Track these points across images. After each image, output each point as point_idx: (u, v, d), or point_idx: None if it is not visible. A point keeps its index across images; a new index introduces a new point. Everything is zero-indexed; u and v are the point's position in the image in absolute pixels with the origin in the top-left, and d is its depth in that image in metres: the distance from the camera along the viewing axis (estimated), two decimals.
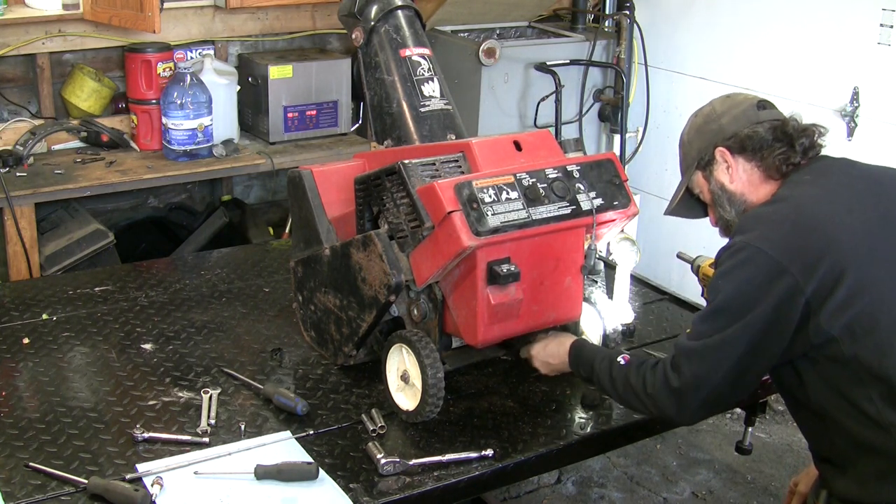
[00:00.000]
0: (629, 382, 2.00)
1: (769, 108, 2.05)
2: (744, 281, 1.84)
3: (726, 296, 1.86)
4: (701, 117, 2.10)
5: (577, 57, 4.36)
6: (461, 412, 2.23)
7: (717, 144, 2.03)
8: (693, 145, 2.09)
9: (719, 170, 2.04)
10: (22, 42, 3.67)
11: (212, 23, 4.05)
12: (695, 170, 2.08)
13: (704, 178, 2.08)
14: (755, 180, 2.02)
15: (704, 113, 2.10)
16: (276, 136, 3.96)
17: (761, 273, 1.81)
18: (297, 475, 1.94)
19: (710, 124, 2.06)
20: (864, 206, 1.91)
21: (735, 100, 2.09)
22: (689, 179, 2.11)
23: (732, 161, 2.02)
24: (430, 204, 2.01)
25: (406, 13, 2.47)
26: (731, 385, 1.89)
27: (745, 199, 2.03)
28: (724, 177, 2.04)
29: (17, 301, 2.70)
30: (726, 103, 2.08)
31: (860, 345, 1.79)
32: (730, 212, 2.05)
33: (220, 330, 2.59)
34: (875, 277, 1.81)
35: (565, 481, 3.61)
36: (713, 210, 2.11)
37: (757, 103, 2.05)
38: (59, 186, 3.40)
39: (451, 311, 2.14)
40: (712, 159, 2.04)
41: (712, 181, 2.06)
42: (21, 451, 2.02)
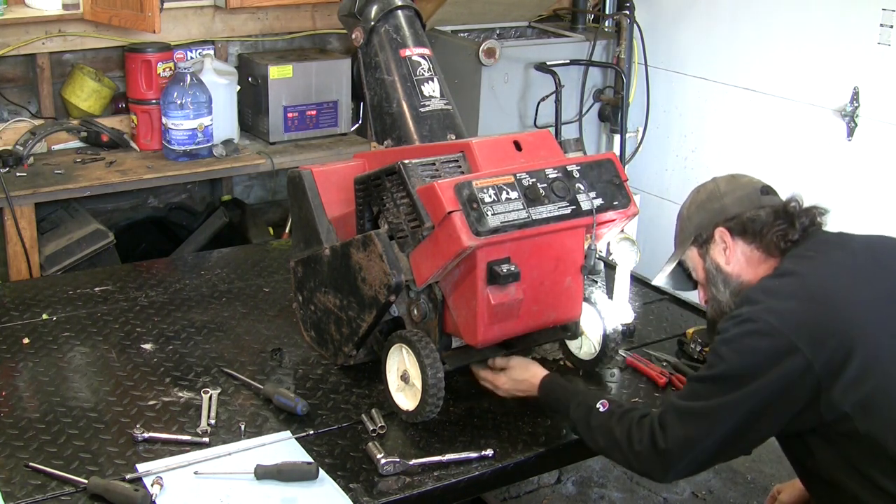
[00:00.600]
0: (612, 435, 1.97)
1: (772, 195, 2.05)
2: (750, 351, 1.81)
3: (730, 364, 1.82)
4: (704, 193, 2.09)
5: (577, 57, 4.36)
6: (461, 412, 2.23)
7: (718, 224, 2.03)
8: (692, 220, 2.08)
9: (716, 250, 2.04)
10: (22, 42, 3.67)
11: (212, 23, 4.05)
12: (690, 245, 2.08)
13: (700, 256, 2.08)
14: (753, 260, 2.01)
15: (708, 190, 2.09)
16: (276, 136, 3.96)
17: (770, 346, 1.79)
18: (297, 475, 1.94)
19: (713, 202, 2.05)
20: (868, 280, 1.90)
21: (740, 181, 2.08)
22: (683, 253, 2.11)
23: (731, 243, 2.01)
24: (430, 204, 2.01)
25: (406, 13, 2.47)
26: (721, 450, 1.87)
27: (740, 281, 2.01)
28: (720, 257, 2.03)
29: (17, 301, 2.70)
30: (731, 184, 2.07)
31: (874, 421, 1.76)
32: (723, 293, 2.04)
33: (220, 330, 2.59)
34: (886, 352, 1.80)
35: (565, 481, 3.61)
36: (705, 289, 2.10)
37: (761, 188, 2.05)
38: (59, 186, 3.40)
39: (451, 311, 2.14)
40: (710, 238, 2.04)
41: (708, 260, 2.06)
42: (21, 451, 2.02)
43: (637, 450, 1.91)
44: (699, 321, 2.68)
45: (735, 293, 2.01)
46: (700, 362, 2.49)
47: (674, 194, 4.49)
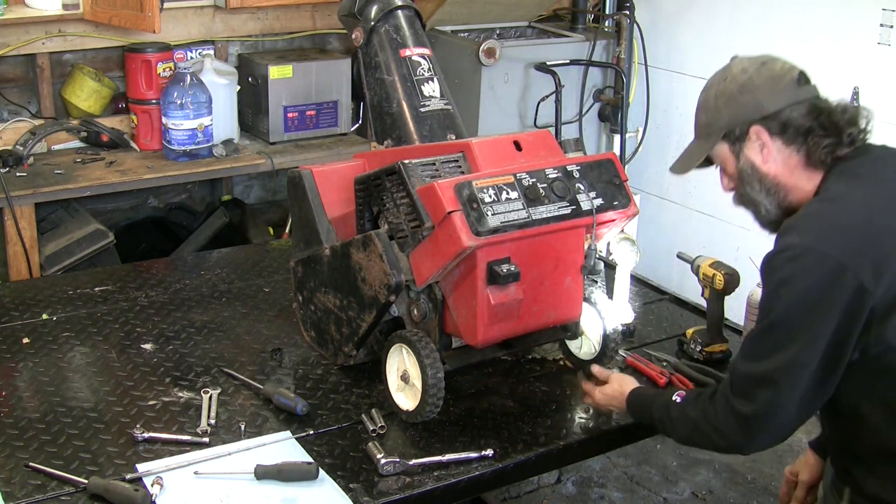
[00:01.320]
0: (689, 418, 1.90)
1: (808, 84, 1.86)
2: (805, 290, 1.69)
3: (787, 308, 1.71)
4: (733, 84, 1.87)
5: (577, 57, 4.36)
6: (461, 412, 2.23)
7: (754, 122, 1.84)
8: (721, 114, 1.88)
9: (751, 148, 1.86)
10: (22, 42, 3.67)
11: (212, 23, 4.05)
12: (720, 140, 1.90)
13: (732, 153, 1.89)
14: (792, 165, 1.85)
15: (738, 81, 1.87)
16: (276, 136, 3.96)
17: (827, 278, 1.67)
18: (297, 475, 1.94)
19: (745, 95, 1.85)
20: None
21: (773, 70, 1.86)
22: (711, 148, 1.91)
23: (769, 142, 1.84)
24: (430, 204, 2.01)
25: (406, 13, 2.47)
26: (804, 408, 1.76)
27: (778, 183, 1.86)
28: (756, 156, 1.86)
29: (17, 301, 2.70)
30: (763, 73, 1.85)
31: None
32: (758, 192, 1.88)
33: (220, 330, 2.59)
34: None
35: (565, 481, 3.61)
36: (736, 183, 1.92)
37: (797, 77, 1.85)
38: (59, 186, 3.40)
39: (451, 311, 2.14)
40: (745, 136, 1.86)
41: (742, 158, 1.88)
42: (21, 451, 2.02)
43: (715, 424, 1.83)
44: (699, 321, 2.68)
45: (772, 193, 1.87)
46: (700, 362, 2.49)
47: (674, 194, 4.49)
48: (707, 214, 4.34)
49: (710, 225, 4.34)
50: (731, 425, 1.81)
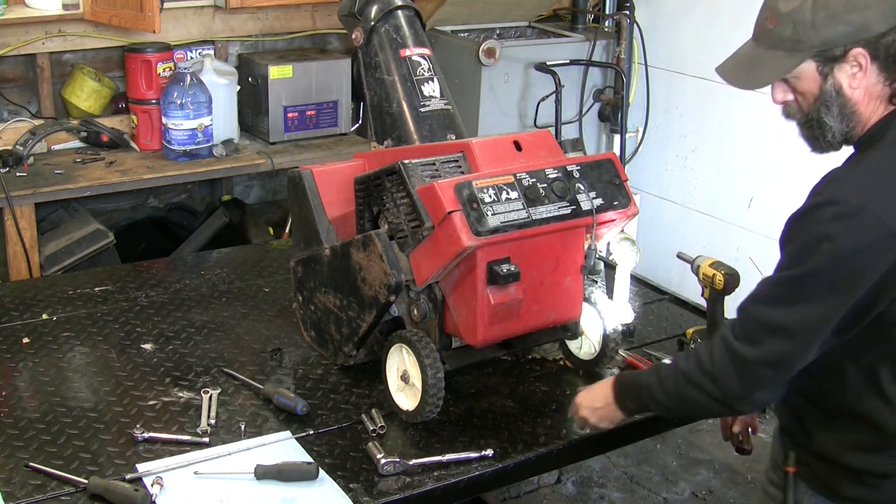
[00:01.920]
0: (679, 371, 1.79)
1: None
2: (852, 252, 1.58)
3: (827, 264, 1.59)
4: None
5: (577, 57, 4.35)
6: (461, 412, 2.23)
7: (858, 43, 1.65)
8: (820, 31, 1.66)
9: (843, 72, 1.68)
10: (22, 42, 3.67)
11: (212, 23, 4.05)
12: (808, 59, 1.69)
13: (819, 73, 1.70)
14: (874, 94, 1.70)
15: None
16: (276, 136, 3.96)
17: (877, 246, 1.57)
18: (297, 475, 1.94)
19: (854, 14, 1.64)
20: None
21: None
22: (796, 66, 1.71)
23: (868, 68, 1.67)
24: (430, 204, 2.01)
25: (406, 13, 2.47)
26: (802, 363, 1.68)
27: (856, 110, 1.71)
28: (846, 80, 1.68)
29: (17, 301, 2.70)
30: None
31: None
32: (835, 117, 1.72)
33: (220, 330, 2.59)
34: None
35: (565, 481, 3.61)
36: (809, 103, 1.74)
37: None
38: (59, 186, 3.40)
39: (451, 311, 2.14)
40: (842, 57, 1.67)
41: (830, 80, 1.69)
42: (21, 451, 2.02)
43: (711, 371, 1.72)
44: (699, 321, 2.68)
45: (846, 119, 1.72)
46: None
47: (674, 194, 4.49)
48: (707, 214, 4.34)
49: (710, 225, 4.34)
50: (730, 372, 1.71)
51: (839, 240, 1.59)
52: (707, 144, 4.32)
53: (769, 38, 1.73)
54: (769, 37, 1.73)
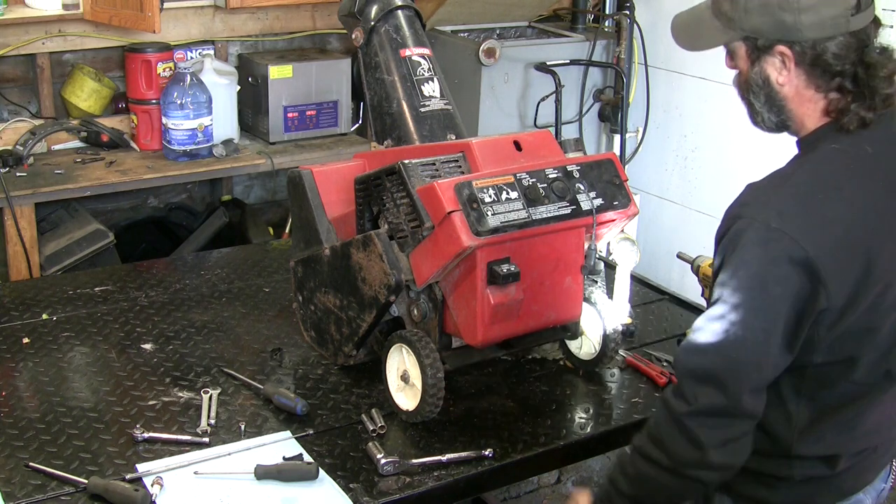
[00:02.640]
0: (634, 447, 1.75)
1: (864, 10, 1.63)
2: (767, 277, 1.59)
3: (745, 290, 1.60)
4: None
5: (577, 57, 4.35)
6: (461, 412, 2.23)
7: (782, 42, 1.65)
8: (751, 17, 1.67)
9: (770, 63, 1.69)
10: (22, 42, 3.67)
11: (212, 23, 4.05)
12: (738, 39, 1.71)
13: (748, 57, 1.71)
14: (806, 98, 1.70)
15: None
16: (276, 136, 3.96)
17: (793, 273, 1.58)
18: (297, 475, 1.95)
19: (785, 13, 1.62)
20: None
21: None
22: (728, 40, 1.73)
23: (792, 69, 1.67)
24: (430, 204, 2.01)
25: (406, 13, 2.47)
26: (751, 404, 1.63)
27: (785, 105, 1.72)
28: (772, 72, 1.69)
29: (17, 301, 2.70)
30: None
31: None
32: (762, 104, 1.73)
33: (220, 330, 2.59)
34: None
35: (565, 481, 3.61)
36: (741, 81, 1.76)
37: (854, 10, 1.62)
38: (59, 186, 3.40)
39: (451, 311, 2.14)
40: (767, 50, 1.68)
41: (757, 67, 1.71)
42: (21, 451, 2.02)
43: (654, 434, 1.69)
44: None
45: (775, 110, 1.73)
46: None
47: (674, 194, 4.49)
48: (707, 214, 4.34)
49: (710, 225, 4.31)
50: (671, 431, 1.68)
51: (754, 266, 1.59)
52: (707, 144, 4.32)
53: (715, 6, 1.74)
54: (716, 4, 1.74)
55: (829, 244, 1.59)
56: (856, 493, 1.82)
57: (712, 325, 1.64)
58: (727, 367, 1.62)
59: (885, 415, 1.79)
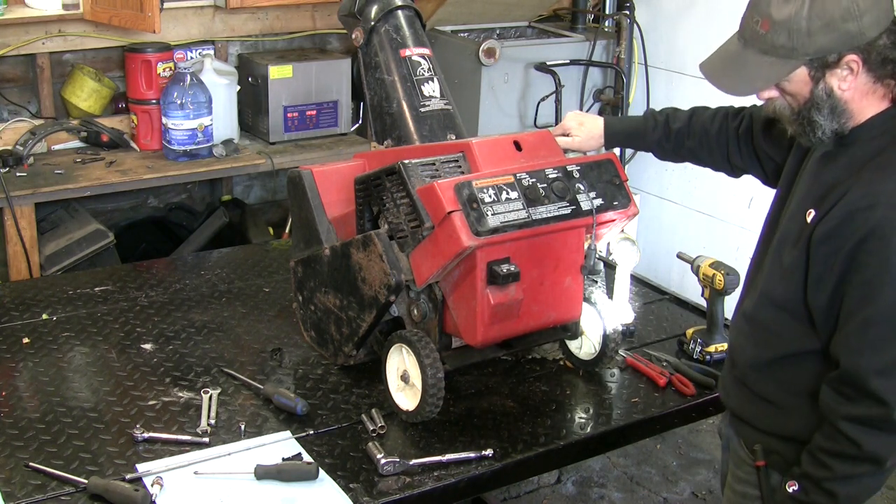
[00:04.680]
0: (825, 464, 1.72)
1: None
2: None
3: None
4: (834, 5, 1.63)
5: (577, 57, 4.36)
6: (461, 412, 2.23)
7: (852, 50, 1.65)
8: (815, 40, 1.64)
9: (835, 76, 1.68)
10: (22, 42, 3.67)
11: (212, 23, 4.05)
12: (802, 66, 1.68)
13: (811, 78, 1.69)
14: (867, 92, 1.71)
15: (842, 3, 1.63)
16: (276, 136, 3.96)
17: None
18: (297, 475, 1.95)
19: (849, 22, 1.62)
20: None
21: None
22: (789, 73, 1.69)
23: (861, 72, 1.67)
24: (430, 204, 2.01)
25: (406, 13, 2.47)
26: None
27: (847, 108, 1.71)
28: (836, 83, 1.68)
29: (17, 301, 2.70)
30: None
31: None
32: (825, 116, 1.71)
33: (220, 330, 2.59)
34: None
35: (565, 481, 3.61)
36: (799, 104, 1.73)
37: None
38: (59, 186, 3.40)
39: (451, 311, 2.14)
40: (835, 63, 1.67)
41: (821, 84, 1.69)
42: (21, 451, 2.02)
43: (857, 452, 1.67)
44: (699, 321, 2.68)
45: (837, 116, 1.71)
46: (700, 362, 2.49)
47: (674, 194, 4.49)
48: (707, 214, 4.34)
49: (710, 225, 4.34)
50: (877, 437, 1.67)
51: None
52: None
53: (760, 43, 1.70)
54: (761, 42, 1.70)
55: None
56: None
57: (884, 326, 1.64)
58: None
59: None
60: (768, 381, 1.86)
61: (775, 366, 1.84)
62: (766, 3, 1.69)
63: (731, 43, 1.78)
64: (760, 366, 1.87)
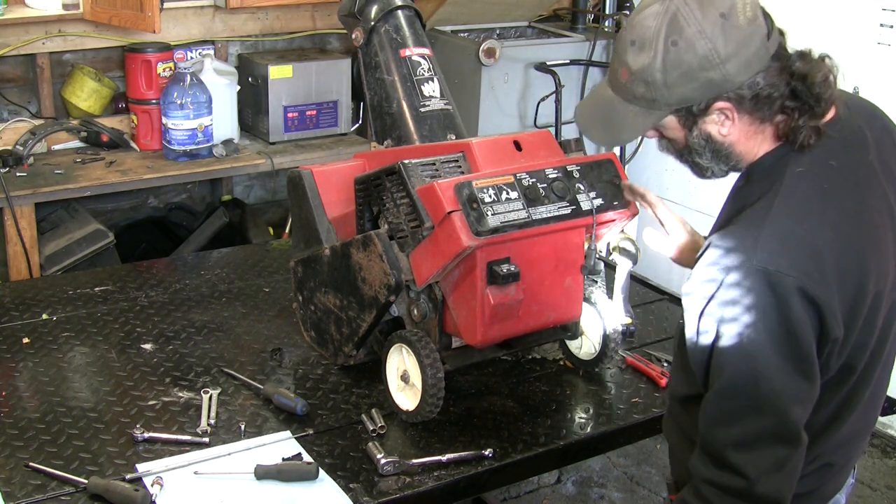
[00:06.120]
0: None
1: (774, 30, 1.59)
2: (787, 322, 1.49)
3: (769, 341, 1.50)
4: (691, 55, 1.51)
5: (577, 57, 4.36)
6: (461, 412, 2.23)
7: (719, 98, 1.55)
8: (675, 91, 1.55)
9: (709, 122, 1.58)
10: (22, 42, 3.67)
11: (212, 23, 4.05)
12: (668, 116, 1.60)
13: (682, 125, 1.61)
14: (752, 132, 1.60)
15: (698, 51, 1.51)
16: (276, 136, 3.96)
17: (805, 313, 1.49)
18: (297, 475, 1.95)
19: (710, 71, 1.52)
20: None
21: (737, 25, 1.52)
22: (658, 121, 1.61)
23: (735, 116, 1.57)
24: (430, 204, 2.01)
25: (406, 13, 2.47)
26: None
27: (732, 151, 1.62)
28: (714, 128, 1.59)
29: (17, 301, 2.70)
30: (730, 35, 1.51)
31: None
32: (708, 160, 1.63)
33: (220, 330, 2.59)
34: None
35: (565, 481, 3.61)
36: (680, 149, 1.66)
37: (766, 28, 1.56)
38: (59, 186, 3.40)
39: (451, 311, 2.14)
40: (705, 112, 1.57)
41: (696, 130, 1.60)
42: (21, 451, 2.02)
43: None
44: None
45: (722, 159, 1.63)
46: None
47: (674, 194, 4.49)
48: (707, 214, 4.33)
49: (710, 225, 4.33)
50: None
51: (771, 314, 1.48)
52: None
53: (624, 92, 1.61)
54: (623, 90, 1.61)
55: (830, 275, 1.51)
56: (835, 494, 1.78)
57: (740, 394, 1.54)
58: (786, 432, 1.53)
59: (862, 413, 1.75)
60: (682, 414, 1.78)
61: (684, 402, 1.76)
62: (623, 51, 1.59)
63: (603, 87, 1.69)
64: (675, 397, 1.80)
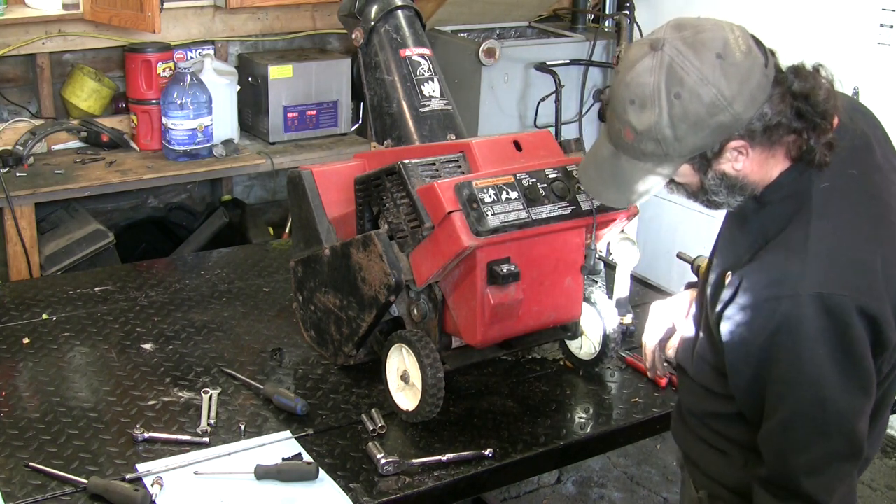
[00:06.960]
0: None
1: (770, 57, 1.59)
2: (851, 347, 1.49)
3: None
4: (696, 103, 1.49)
5: (577, 57, 4.36)
6: (461, 412, 2.23)
7: (732, 138, 1.53)
8: (685, 141, 1.52)
9: (724, 161, 1.56)
10: (22, 42, 3.67)
11: (212, 23, 4.05)
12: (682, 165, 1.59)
13: (696, 171, 1.59)
14: (764, 160, 1.58)
15: (703, 98, 1.49)
16: (276, 136, 3.96)
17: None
18: (297, 475, 1.95)
19: (719, 115, 1.49)
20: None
21: (736, 63, 1.51)
22: (672, 172, 1.60)
23: (749, 150, 1.55)
24: (430, 204, 2.01)
25: (406, 13, 2.47)
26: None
27: (747, 182, 1.60)
28: (728, 166, 1.57)
29: (17, 301, 2.70)
30: (733, 77, 1.50)
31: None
32: (724, 195, 1.62)
33: (220, 330, 2.59)
34: None
35: (565, 481, 3.61)
36: (695, 190, 1.64)
37: (764, 59, 1.55)
38: (59, 186, 3.40)
39: (451, 311, 2.14)
40: (719, 154, 1.55)
41: (710, 172, 1.58)
42: (21, 451, 2.02)
43: None
44: None
45: (737, 191, 1.61)
46: None
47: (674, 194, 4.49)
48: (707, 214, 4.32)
49: (710, 225, 4.32)
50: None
51: (831, 339, 1.48)
52: None
53: (631, 151, 1.58)
54: (630, 149, 1.57)
55: (879, 286, 1.51)
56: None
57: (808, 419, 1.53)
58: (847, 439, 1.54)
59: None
60: (705, 429, 1.76)
61: (709, 418, 1.76)
62: (622, 111, 1.55)
63: (603, 146, 1.65)
64: (696, 414, 1.79)
